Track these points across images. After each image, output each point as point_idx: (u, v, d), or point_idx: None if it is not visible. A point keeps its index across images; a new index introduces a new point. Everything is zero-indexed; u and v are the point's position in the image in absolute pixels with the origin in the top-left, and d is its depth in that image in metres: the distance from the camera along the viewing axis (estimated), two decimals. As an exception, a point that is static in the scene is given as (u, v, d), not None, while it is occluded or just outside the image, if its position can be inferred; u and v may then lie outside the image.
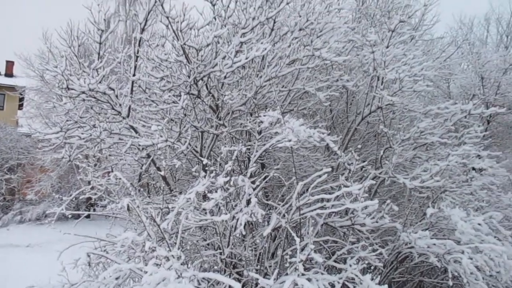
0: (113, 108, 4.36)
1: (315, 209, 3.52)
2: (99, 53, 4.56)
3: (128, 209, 3.12)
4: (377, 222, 3.89)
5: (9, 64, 32.20)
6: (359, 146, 4.70)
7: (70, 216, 4.51)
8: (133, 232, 3.05)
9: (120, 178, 3.31)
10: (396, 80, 4.73)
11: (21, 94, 22.61)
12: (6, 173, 18.64)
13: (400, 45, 5.28)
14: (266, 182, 3.73)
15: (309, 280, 2.91)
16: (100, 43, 4.39)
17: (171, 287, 2.33)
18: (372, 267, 4.22)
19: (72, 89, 3.91)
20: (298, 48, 4.63)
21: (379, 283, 3.33)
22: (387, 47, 5.07)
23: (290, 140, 3.17)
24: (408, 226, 4.54)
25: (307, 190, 3.61)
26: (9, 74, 32.35)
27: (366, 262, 3.59)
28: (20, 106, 27.75)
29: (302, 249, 3.22)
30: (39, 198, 18.08)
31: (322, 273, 3.28)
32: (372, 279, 3.24)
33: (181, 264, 2.66)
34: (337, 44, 4.82)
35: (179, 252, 2.71)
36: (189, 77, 4.23)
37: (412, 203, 4.83)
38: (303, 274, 2.93)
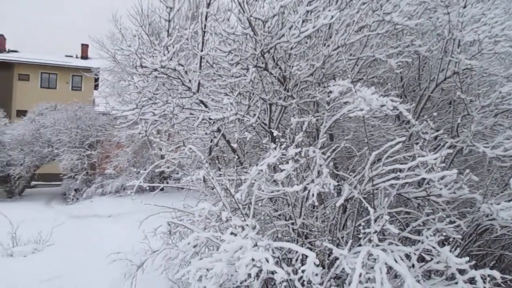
0: (183, 84, 4.49)
1: (388, 180, 3.43)
2: (168, 31, 4.69)
3: (204, 180, 3.24)
4: (454, 193, 3.72)
5: (84, 47, 34.16)
6: (435, 114, 4.47)
7: (147, 188, 4.77)
8: (209, 203, 3.17)
9: (193, 152, 3.43)
10: (474, 42, 4.41)
11: (96, 75, 23.98)
12: (87, 150, 20.09)
13: (478, 4, 4.89)
14: (335, 153, 3.69)
15: (383, 251, 2.87)
16: (169, 21, 4.50)
17: (248, 255, 2.41)
18: (449, 240, 4.06)
19: (145, 67, 4.07)
20: (367, 13, 4.44)
21: (458, 256, 3.21)
22: (464, 6, 4.71)
23: (362, 110, 3.09)
24: (488, 197, 4.29)
25: (378, 160, 3.53)
26: (84, 56, 34.37)
27: (444, 234, 3.47)
28: (96, 86, 29.51)
29: (375, 220, 3.17)
30: (117, 172, 19.33)
31: (396, 245, 3.22)
32: (450, 251, 3.13)
33: (256, 233, 2.73)
34: (408, 7, 4.56)
35: (254, 221, 2.79)
36: (255, 49, 4.23)
37: (493, 173, 4.55)
38: (377, 245, 2.90)
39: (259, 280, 2.66)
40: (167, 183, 17.62)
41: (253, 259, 2.43)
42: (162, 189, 18.20)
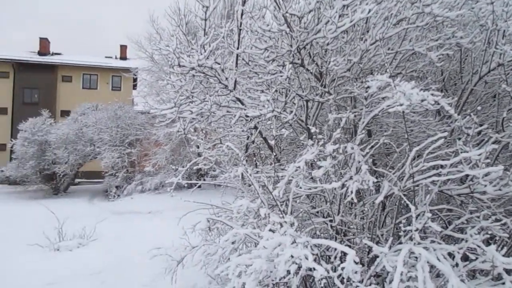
0: (220, 82, 4.54)
1: (429, 176, 3.34)
2: (204, 30, 4.74)
3: (242, 177, 3.27)
4: (500, 190, 3.58)
5: (123, 48, 35.09)
6: (479, 108, 4.31)
7: (186, 185, 4.86)
8: (247, 200, 3.19)
9: (231, 149, 3.46)
10: (520, 32, 4.22)
11: (135, 75, 24.59)
12: (127, 148, 20.67)
13: (525, -8, 4.66)
14: (374, 149, 3.63)
15: (426, 249, 2.80)
16: (205, 20, 4.56)
17: (288, 252, 2.42)
18: (495, 238, 3.91)
19: (183, 66, 4.14)
20: (405, 6, 4.33)
21: (505, 255, 3.09)
22: (510, -5, 4.51)
23: (401, 105, 3.02)
24: (537, 194, 4.10)
25: (419, 156, 3.44)
26: (123, 57, 35.31)
27: (489, 232, 3.34)
28: (134, 86, 30.29)
29: (416, 217, 3.10)
30: (155, 169, 19.80)
31: (439, 243, 3.13)
32: (496, 250, 3.01)
33: (294, 230, 2.73)
34: (449, -2, 4.41)
35: (292, 218, 2.79)
36: (291, 46, 4.22)
37: (543, 169, 4.34)
38: (419, 243, 2.83)
39: (298, 277, 2.66)
40: (204, 180, 17.88)
41: (292, 256, 2.43)
42: (199, 186, 18.51)
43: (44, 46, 33.60)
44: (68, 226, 9.53)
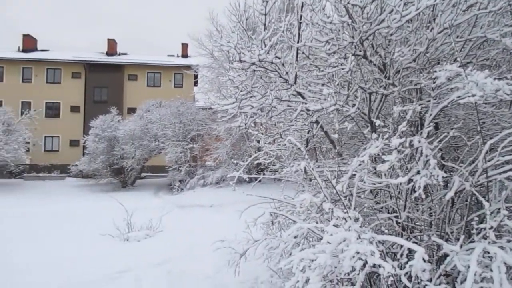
0: (280, 76, 4.53)
1: (505, 171, 3.13)
2: (264, 24, 4.75)
3: (305, 171, 3.25)
4: None
5: (184, 46, 36.12)
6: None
7: (247, 179, 4.92)
8: (309, 194, 3.17)
9: (292, 143, 3.45)
10: None
11: (196, 72, 25.24)
12: (189, 143, 21.30)
13: None
14: (443, 142, 3.46)
15: (501, 248, 2.63)
16: (265, 14, 4.56)
17: (353, 248, 2.37)
18: None
19: (244, 61, 4.18)
20: (477, -11, 4.07)
21: None
22: None
23: (473, 95, 2.85)
24: None
25: (491, 150, 3.24)
26: (184, 55, 36.36)
27: None
28: (195, 83, 31.11)
29: (490, 215, 2.92)
30: (216, 164, 20.24)
31: (516, 242, 2.93)
32: None
33: (359, 226, 2.68)
34: (526, -21, 4.08)
35: (356, 213, 2.73)
36: (353, 37, 4.12)
37: None
38: (494, 242, 2.67)
39: (363, 273, 2.61)
40: (264, 174, 18.00)
41: (357, 252, 2.38)
42: (259, 181, 18.67)
43: (111, 47, 35.42)
44: (136, 217, 10.01)
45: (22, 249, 8.47)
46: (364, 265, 2.54)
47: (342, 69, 4.01)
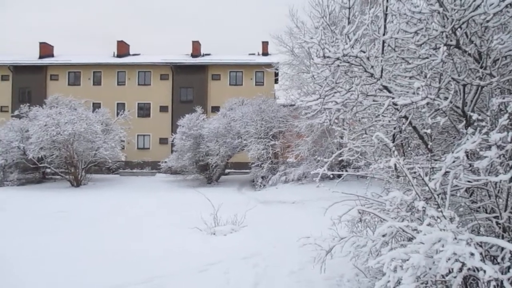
0: (365, 71, 4.42)
1: None
2: (348, 18, 4.67)
3: (395, 168, 3.14)
4: None
5: (264, 44, 36.57)
6: None
7: (331, 176, 4.87)
8: (400, 192, 3.06)
9: (380, 139, 3.36)
10: None
11: (276, 69, 25.40)
12: (271, 140, 21.56)
13: None
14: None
15: None
16: (349, 8, 4.48)
17: (450, 249, 2.25)
18: None
19: (328, 56, 4.13)
20: None
21: None
22: None
23: None
24: None
25: None
26: (265, 53, 36.80)
27: None
28: (276, 80, 31.37)
29: None
30: (298, 161, 20.26)
31: None
32: None
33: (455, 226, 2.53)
34: None
35: (452, 213, 2.59)
36: (444, 26, 3.89)
37: None
38: None
39: (460, 276, 2.46)
40: (346, 171, 17.64)
41: (454, 253, 2.26)
42: (342, 178, 18.33)
43: (196, 48, 36.92)
44: (221, 212, 10.36)
45: (117, 240, 9.20)
46: (461, 268, 2.40)
47: (433, 60, 3.81)
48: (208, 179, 25.07)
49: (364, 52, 4.36)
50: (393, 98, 4.08)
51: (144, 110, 34.65)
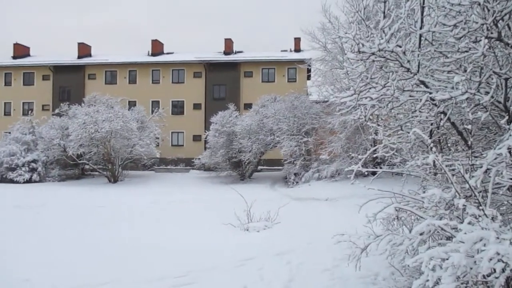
0: (402, 66, 4.32)
1: None
2: (383, 12, 4.56)
3: (434, 165, 3.07)
4: None
5: (296, 41, 36.32)
6: None
7: (366, 173, 4.81)
8: (439, 189, 2.99)
9: (418, 136, 3.28)
10: None
11: (309, 66, 25.22)
12: (303, 137, 21.47)
13: None
14: None
15: None
16: (384, 2, 4.39)
17: (492, 248, 2.18)
18: None
19: (363, 51, 4.07)
20: None
21: None
22: None
23: None
24: None
25: None
26: (297, 49, 36.57)
27: None
28: (308, 77, 31.14)
29: None
30: (331, 157, 20.08)
31: None
32: None
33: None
34: None
35: (494, 211, 2.51)
36: (485, 18, 3.75)
37: None
38: None
39: (502, 277, 2.38)
40: (381, 168, 17.32)
41: (497, 253, 2.19)
42: (377, 175, 18.00)
43: (228, 46, 37.11)
44: (254, 209, 10.40)
45: (154, 235, 9.41)
46: (504, 268, 2.32)
47: (473, 54, 3.69)
48: (241, 176, 25.23)
49: (400, 47, 4.27)
50: (430, 93, 3.97)
51: (178, 108, 35.19)
